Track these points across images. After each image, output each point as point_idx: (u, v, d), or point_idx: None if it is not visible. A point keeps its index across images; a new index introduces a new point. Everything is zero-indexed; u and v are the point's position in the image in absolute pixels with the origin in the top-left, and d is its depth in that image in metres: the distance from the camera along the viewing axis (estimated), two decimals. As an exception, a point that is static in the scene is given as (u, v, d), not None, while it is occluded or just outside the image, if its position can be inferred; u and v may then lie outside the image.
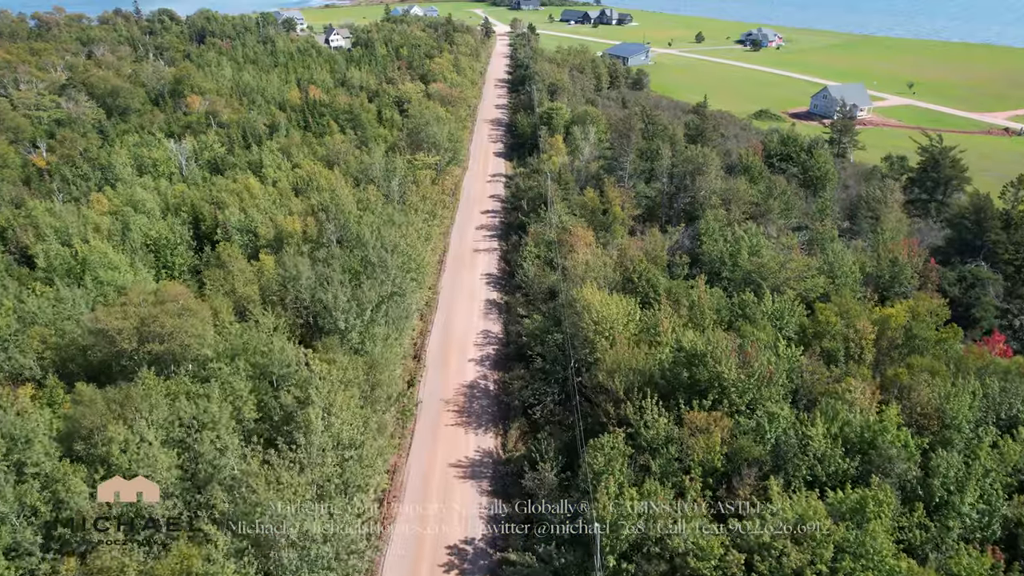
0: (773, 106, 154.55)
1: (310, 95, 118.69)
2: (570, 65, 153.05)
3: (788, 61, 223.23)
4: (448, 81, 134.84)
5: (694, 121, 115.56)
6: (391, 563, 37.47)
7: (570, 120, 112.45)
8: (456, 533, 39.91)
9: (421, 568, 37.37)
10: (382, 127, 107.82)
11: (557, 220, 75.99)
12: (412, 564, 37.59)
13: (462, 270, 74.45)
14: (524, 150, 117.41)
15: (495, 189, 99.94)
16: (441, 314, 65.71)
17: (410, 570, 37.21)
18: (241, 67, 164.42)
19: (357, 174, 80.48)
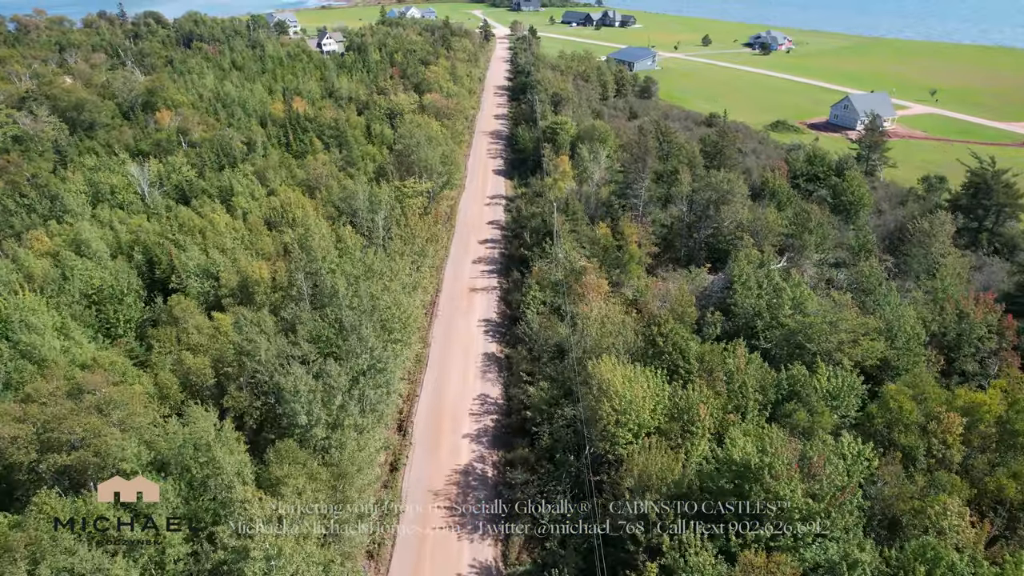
0: (789, 116, 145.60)
1: (294, 108, 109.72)
2: (574, 73, 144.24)
3: (800, 65, 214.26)
4: (444, 91, 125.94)
5: (710, 137, 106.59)
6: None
7: (576, 135, 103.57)
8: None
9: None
10: (371, 144, 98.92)
11: (564, 257, 67.18)
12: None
13: (457, 315, 65.58)
14: (526, 167, 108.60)
15: (494, 213, 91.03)
16: (432, 372, 56.86)
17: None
18: (227, 74, 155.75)
19: (339, 203, 71.66)
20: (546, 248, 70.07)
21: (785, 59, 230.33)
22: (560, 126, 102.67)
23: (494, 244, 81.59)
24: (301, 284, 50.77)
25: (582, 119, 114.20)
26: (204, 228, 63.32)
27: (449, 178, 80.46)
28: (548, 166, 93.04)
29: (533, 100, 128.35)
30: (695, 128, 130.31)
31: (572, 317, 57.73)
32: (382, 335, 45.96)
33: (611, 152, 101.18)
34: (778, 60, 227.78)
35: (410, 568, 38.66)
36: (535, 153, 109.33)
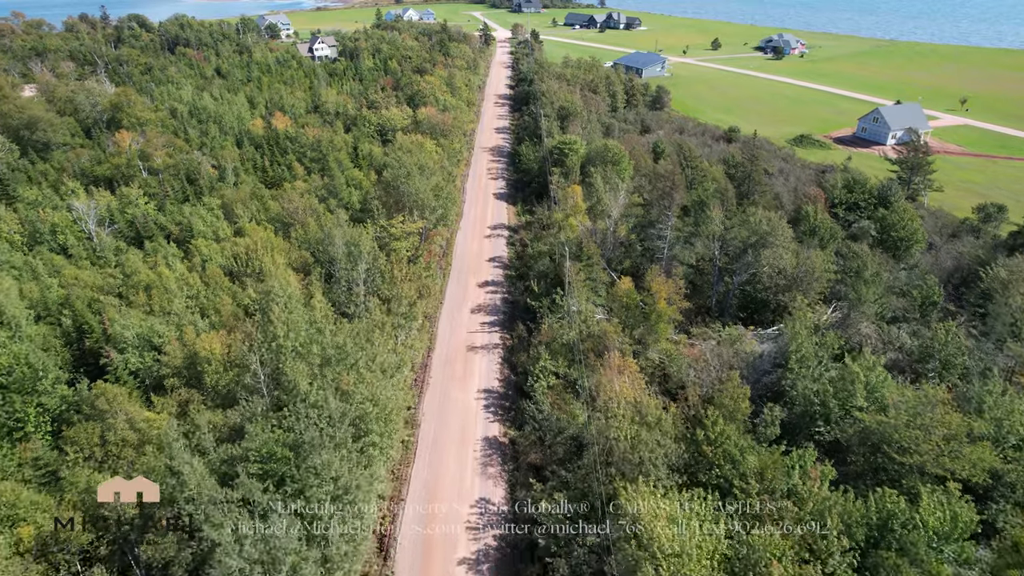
0: (813, 129, 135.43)
1: (274, 125, 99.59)
2: (581, 82, 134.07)
3: (816, 71, 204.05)
4: (440, 103, 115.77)
5: (734, 158, 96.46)
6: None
7: (586, 156, 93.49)
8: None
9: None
10: (358, 168, 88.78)
11: (578, 311, 57.13)
12: None
13: (452, 384, 55.47)
14: (530, 190, 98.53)
15: (496, 247, 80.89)
16: (421, 468, 46.78)
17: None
18: (208, 83, 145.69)
19: (315, 247, 61.62)
20: (556, 299, 59.95)
21: (799, 64, 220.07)
22: (568, 146, 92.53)
23: (495, 288, 71.43)
24: (257, 370, 40.68)
25: (592, 137, 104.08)
26: (153, 283, 53.26)
27: (444, 212, 70.28)
28: (556, 194, 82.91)
29: (538, 114, 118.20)
30: (713, 144, 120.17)
31: (591, 397, 47.80)
32: (354, 447, 35.86)
33: (624, 173, 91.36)
34: (792, 65, 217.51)
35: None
36: (540, 175, 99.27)
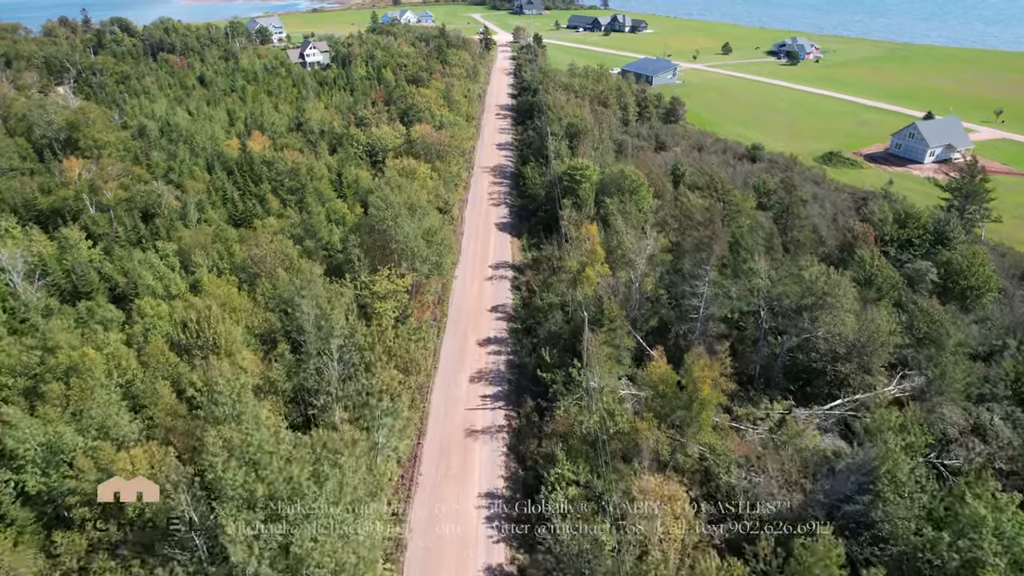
0: (840, 144, 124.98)
1: (251, 147, 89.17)
2: (590, 94, 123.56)
3: (833, 78, 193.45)
4: (436, 119, 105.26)
5: (765, 184, 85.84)
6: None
7: (600, 183, 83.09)
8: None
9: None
10: (341, 197, 78.35)
11: (599, 390, 46.76)
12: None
13: (447, 485, 45.04)
14: (537, 221, 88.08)
15: (499, 293, 70.45)
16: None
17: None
18: (188, 93, 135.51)
19: (282, 308, 51.27)
20: (573, 373, 49.47)
21: (815, 70, 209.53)
22: (580, 172, 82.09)
23: (499, 347, 60.95)
24: (187, 513, 30.24)
25: (604, 158, 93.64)
26: (76, 365, 42.83)
27: (439, 260, 59.81)
28: (568, 231, 72.46)
29: (544, 130, 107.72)
30: (736, 164, 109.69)
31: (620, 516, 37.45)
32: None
33: (643, 202, 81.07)
34: (808, 71, 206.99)
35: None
36: (547, 202, 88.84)
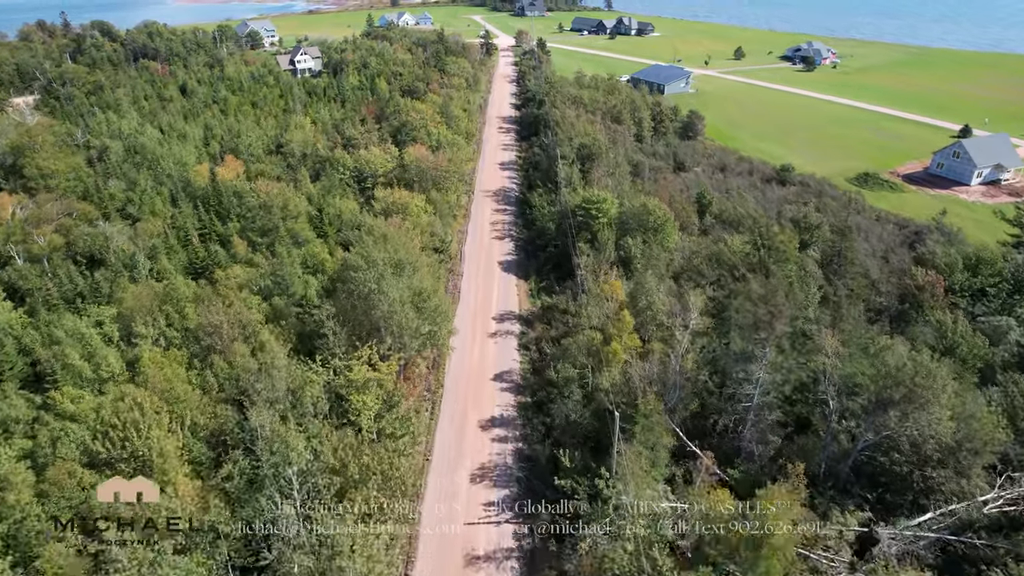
0: (873, 161, 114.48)
1: (223, 174, 78.81)
2: (602, 109, 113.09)
3: (853, 85, 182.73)
4: (433, 139, 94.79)
5: (806, 219, 75.06)
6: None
7: (619, 217, 72.66)
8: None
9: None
10: (322, 236, 67.97)
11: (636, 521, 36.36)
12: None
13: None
14: (547, 258, 77.51)
15: (504, 355, 59.96)
16: None
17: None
18: (164, 106, 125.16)
19: (236, 406, 40.87)
20: (601, 487, 38.96)
21: (833, 76, 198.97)
22: (596, 207, 71.67)
23: (505, 430, 50.49)
24: None
25: (621, 185, 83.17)
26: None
27: (434, 330, 49.35)
28: (586, 281, 61.96)
29: (552, 152, 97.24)
30: (763, 188, 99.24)
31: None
32: None
33: (667, 239, 70.81)
34: (826, 77, 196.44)
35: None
36: (559, 236, 78.45)
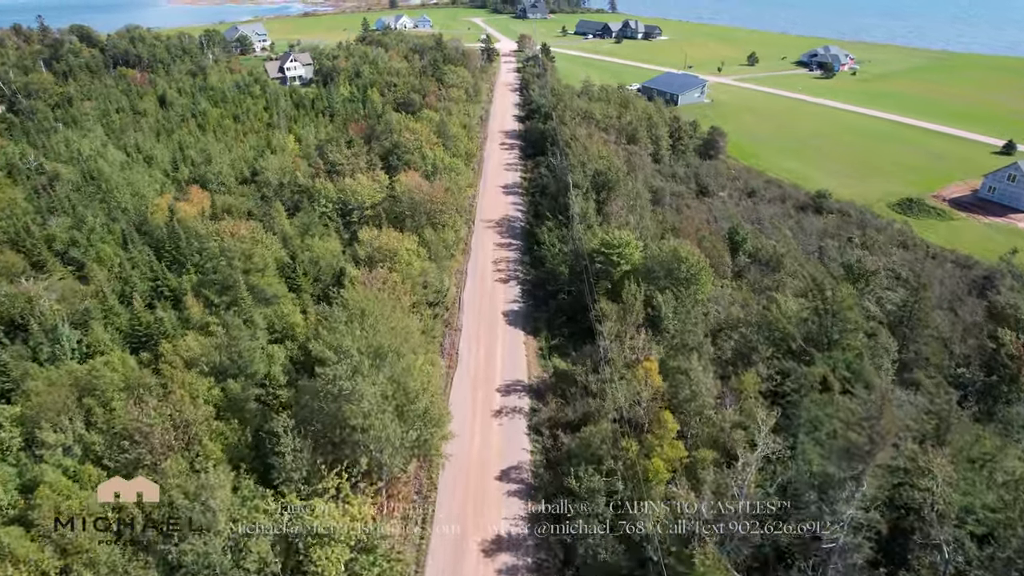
0: (915, 184, 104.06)
1: (186, 209, 68.44)
2: (616, 127, 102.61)
3: (877, 94, 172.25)
4: (428, 162, 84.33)
5: (861, 265, 64.46)
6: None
7: (643, 263, 62.16)
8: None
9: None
10: (295, 290, 57.52)
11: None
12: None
13: None
14: (559, 306, 66.92)
15: (511, 443, 49.43)
16: None
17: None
18: (139, 119, 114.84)
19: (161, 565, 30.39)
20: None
21: (854, 84, 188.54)
22: (617, 252, 61.25)
23: (514, 556, 39.94)
24: None
25: (643, 220, 72.68)
26: None
27: (424, 437, 38.76)
28: (609, 350, 51.44)
29: (562, 175, 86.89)
30: (798, 217, 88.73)
31: None
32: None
33: (706, 290, 60.49)
34: (847, 85, 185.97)
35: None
36: (573, 280, 67.96)
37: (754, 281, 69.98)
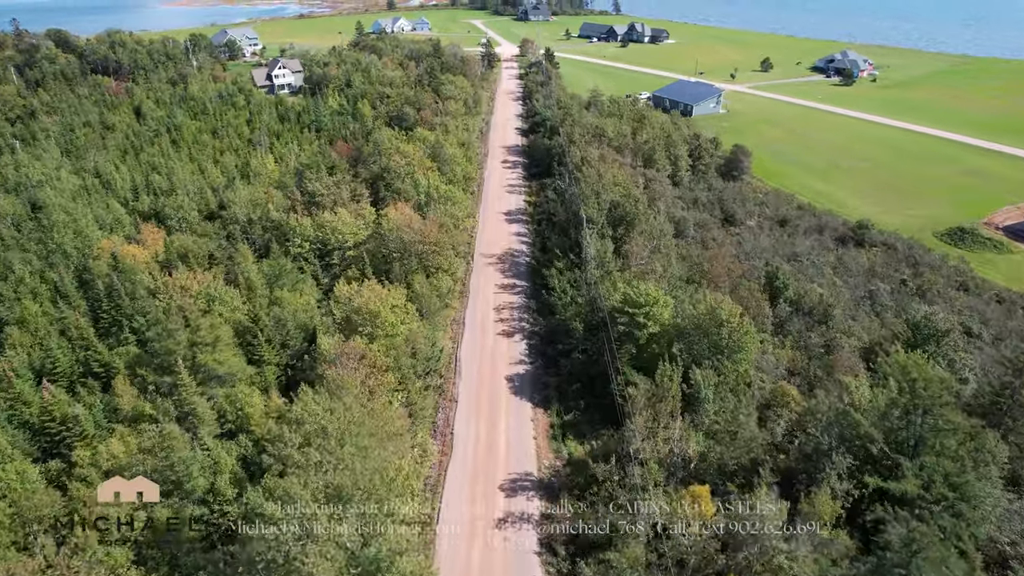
0: (960, 209, 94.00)
1: (134, 254, 58.51)
2: (631, 147, 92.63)
3: (904, 104, 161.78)
4: (421, 190, 74.29)
5: (931, 321, 54.37)
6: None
7: (674, 323, 52.14)
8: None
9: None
10: (256, 363, 47.53)
11: None
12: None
13: None
14: (572, 369, 56.94)
15: (519, 571, 39.51)
16: None
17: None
18: (105, 136, 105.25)
19: None
20: None
21: (876, 91, 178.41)
22: (643, 312, 51.17)
23: None
24: None
25: (670, 267, 62.67)
26: None
27: None
28: (640, 452, 41.36)
29: (572, 203, 77.01)
30: (838, 250, 78.61)
31: None
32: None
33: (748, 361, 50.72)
34: (869, 93, 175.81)
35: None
36: (587, 338, 57.90)
37: (800, 337, 60.07)
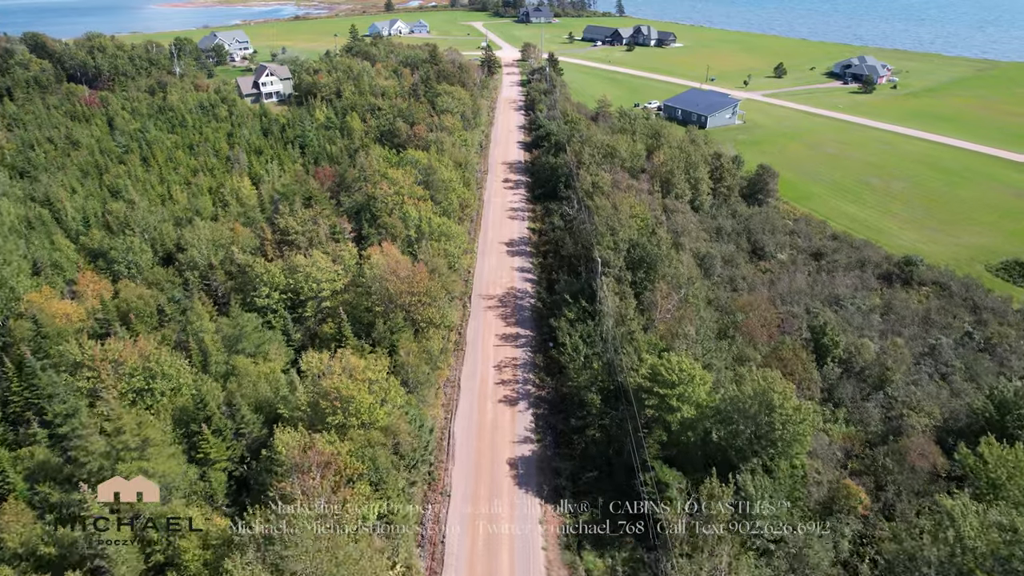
0: (1012, 236, 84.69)
1: (66, 312, 49.30)
2: (648, 171, 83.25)
3: (931, 114, 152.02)
4: (411, 223, 64.80)
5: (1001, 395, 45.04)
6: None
7: (716, 407, 42.73)
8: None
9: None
10: (203, 464, 38.16)
11: None
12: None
13: None
14: (587, 443, 47.72)
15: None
16: None
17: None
18: (70, 152, 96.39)
19: None
20: None
21: (898, 100, 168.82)
22: (677, 395, 41.74)
23: None
24: None
25: (703, 327, 53.19)
26: None
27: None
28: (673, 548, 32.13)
29: (583, 237, 67.67)
30: (885, 292, 69.20)
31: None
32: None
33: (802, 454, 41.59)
34: (891, 102, 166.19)
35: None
36: (604, 411, 48.54)
37: (855, 408, 50.77)
